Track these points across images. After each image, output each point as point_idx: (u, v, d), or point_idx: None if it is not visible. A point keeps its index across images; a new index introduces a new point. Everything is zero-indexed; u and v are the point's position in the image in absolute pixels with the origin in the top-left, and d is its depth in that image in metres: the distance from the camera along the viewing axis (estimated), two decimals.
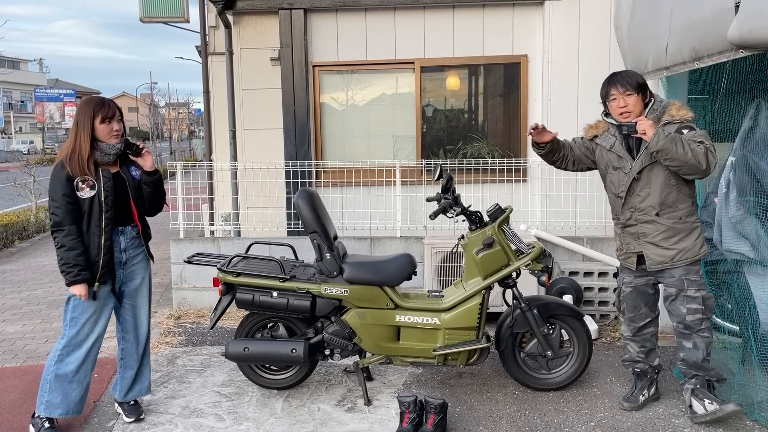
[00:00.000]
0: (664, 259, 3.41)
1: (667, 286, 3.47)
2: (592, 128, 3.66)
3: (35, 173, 11.84)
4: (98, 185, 3.31)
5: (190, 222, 6.18)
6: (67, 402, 3.41)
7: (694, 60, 3.75)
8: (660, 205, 3.39)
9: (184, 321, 5.52)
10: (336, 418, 3.63)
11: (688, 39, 3.74)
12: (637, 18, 4.50)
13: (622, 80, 3.40)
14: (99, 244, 3.32)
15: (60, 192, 3.25)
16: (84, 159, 3.27)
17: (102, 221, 3.31)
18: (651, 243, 3.43)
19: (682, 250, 3.38)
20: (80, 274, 3.27)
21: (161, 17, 8.90)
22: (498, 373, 4.17)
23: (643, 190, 3.42)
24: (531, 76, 6.01)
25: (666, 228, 3.39)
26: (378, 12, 6.03)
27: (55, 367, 3.38)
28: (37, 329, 5.49)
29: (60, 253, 3.27)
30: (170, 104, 54.19)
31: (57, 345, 3.41)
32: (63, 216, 3.25)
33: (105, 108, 3.33)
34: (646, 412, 3.63)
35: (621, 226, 3.57)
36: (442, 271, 5.11)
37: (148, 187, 3.50)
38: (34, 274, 7.75)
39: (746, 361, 3.98)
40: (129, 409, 3.64)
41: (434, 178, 3.78)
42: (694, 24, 3.67)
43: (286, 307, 3.73)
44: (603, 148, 3.58)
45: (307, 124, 6.05)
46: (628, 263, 3.58)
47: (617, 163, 3.51)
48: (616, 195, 3.54)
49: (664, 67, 4.11)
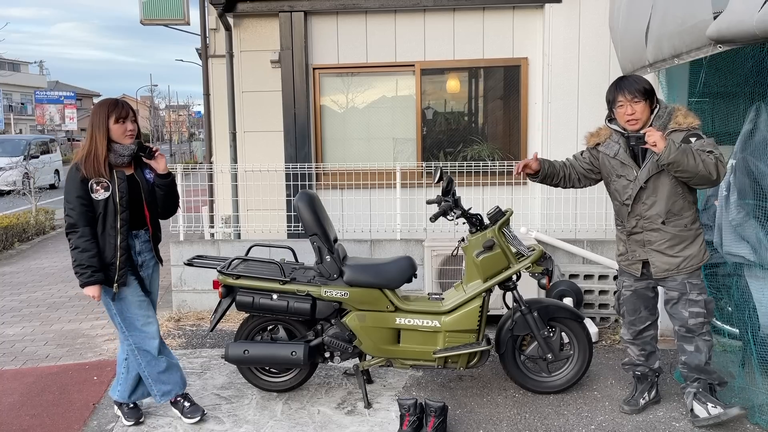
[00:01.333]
0: (669, 266, 3.38)
1: (668, 289, 3.45)
2: (594, 136, 3.60)
3: (35, 175, 11.84)
4: (112, 187, 3.32)
5: (190, 224, 6.18)
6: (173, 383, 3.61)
7: (674, 57, 3.82)
8: (666, 213, 3.35)
9: (184, 323, 5.51)
10: (336, 421, 3.63)
11: (667, 36, 3.82)
12: (626, 18, 4.56)
13: (630, 86, 3.31)
14: (115, 245, 3.34)
15: (74, 194, 3.28)
16: (100, 160, 3.29)
17: (117, 222, 3.33)
18: (657, 251, 3.41)
19: (687, 257, 3.36)
20: (93, 275, 3.29)
21: (162, 20, 8.91)
22: (498, 376, 4.17)
23: (650, 198, 3.38)
24: (531, 78, 6.02)
25: (672, 236, 3.37)
26: (378, 14, 6.04)
27: (147, 366, 3.52)
28: (37, 331, 5.48)
29: (74, 255, 3.30)
30: (170, 107, 54.21)
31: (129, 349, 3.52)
32: (77, 218, 3.28)
33: (119, 108, 3.35)
34: (646, 416, 3.63)
35: (627, 233, 3.53)
36: (442, 274, 5.10)
37: (161, 190, 3.52)
38: (34, 277, 7.75)
39: (746, 364, 3.98)
40: (128, 412, 3.64)
41: (434, 180, 3.78)
42: (673, 20, 3.74)
43: (286, 309, 3.73)
44: (606, 155, 3.52)
45: (307, 127, 6.05)
46: (632, 270, 3.55)
47: (621, 171, 3.46)
48: (622, 203, 3.49)
49: (649, 64, 4.21)
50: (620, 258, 3.67)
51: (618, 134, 3.45)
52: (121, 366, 3.63)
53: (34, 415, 3.79)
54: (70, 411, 3.84)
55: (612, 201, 3.63)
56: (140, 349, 3.50)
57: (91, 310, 6.11)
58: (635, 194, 3.40)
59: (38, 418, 3.75)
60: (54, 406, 3.91)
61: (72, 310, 6.15)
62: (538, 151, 5.83)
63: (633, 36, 4.41)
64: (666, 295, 3.49)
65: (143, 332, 3.49)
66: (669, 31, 3.84)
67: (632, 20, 4.44)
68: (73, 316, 5.94)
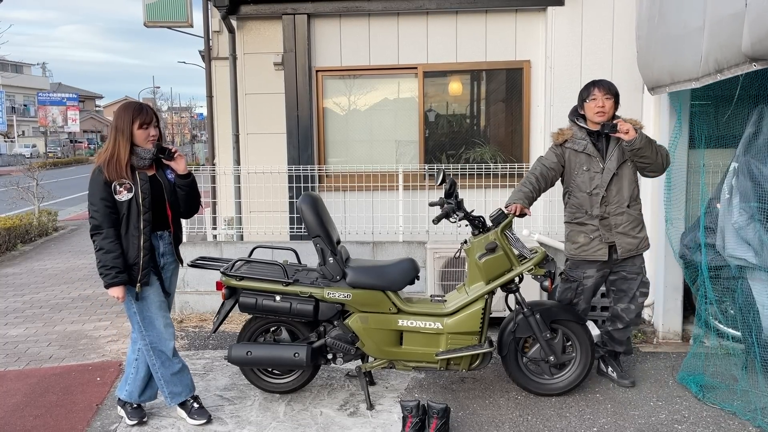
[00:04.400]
0: (632, 247, 3.83)
1: (628, 273, 3.89)
2: (561, 134, 3.92)
3: (38, 177, 11.87)
4: (135, 188, 3.37)
5: (193, 226, 6.19)
6: (183, 385, 3.64)
7: (717, 72, 3.69)
8: (629, 198, 3.82)
9: (187, 325, 5.52)
10: (338, 423, 3.63)
11: (713, 50, 3.66)
12: (662, 29, 4.39)
13: (605, 84, 3.79)
14: (138, 246, 3.38)
15: (98, 196, 3.32)
16: (123, 164, 3.34)
17: (140, 223, 3.38)
18: (622, 233, 3.82)
19: (643, 238, 3.87)
20: (118, 276, 3.33)
21: (165, 22, 8.91)
22: (500, 378, 4.17)
23: (617, 185, 3.81)
24: (533, 81, 6.02)
25: (633, 218, 3.83)
26: (381, 17, 6.05)
27: (161, 367, 3.55)
28: (40, 332, 5.50)
29: (98, 256, 3.34)
30: (173, 108, 54.30)
31: (145, 348, 3.54)
32: (101, 219, 3.32)
33: (143, 114, 3.40)
34: (648, 418, 3.63)
35: (598, 219, 3.83)
36: (444, 276, 5.11)
37: (182, 190, 3.57)
38: (37, 278, 7.76)
39: (749, 367, 3.98)
40: (132, 412, 3.65)
41: (437, 183, 3.79)
42: (716, 35, 3.60)
43: (289, 311, 3.74)
44: (573, 151, 3.86)
45: (310, 129, 6.06)
46: (599, 255, 3.85)
47: (588, 164, 3.83)
48: (590, 193, 3.83)
49: (694, 78, 3.97)
50: (580, 249, 3.90)
51: (584, 131, 3.84)
52: (130, 366, 3.64)
53: (38, 416, 3.80)
54: (73, 412, 3.84)
55: (573, 194, 3.91)
56: (156, 349, 3.52)
57: (94, 311, 6.12)
58: (607, 182, 3.79)
59: (41, 418, 3.76)
60: (57, 407, 3.92)
61: (75, 311, 6.16)
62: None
63: (672, 48, 4.18)
64: (627, 277, 3.90)
65: (161, 333, 3.52)
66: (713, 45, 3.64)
67: (671, 32, 4.22)
68: (76, 317, 5.95)
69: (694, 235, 4.37)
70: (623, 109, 3.96)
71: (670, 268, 4.81)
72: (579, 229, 3.90)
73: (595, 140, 3.83)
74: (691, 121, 4.59)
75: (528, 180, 3.85)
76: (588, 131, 3.83)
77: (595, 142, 3.83)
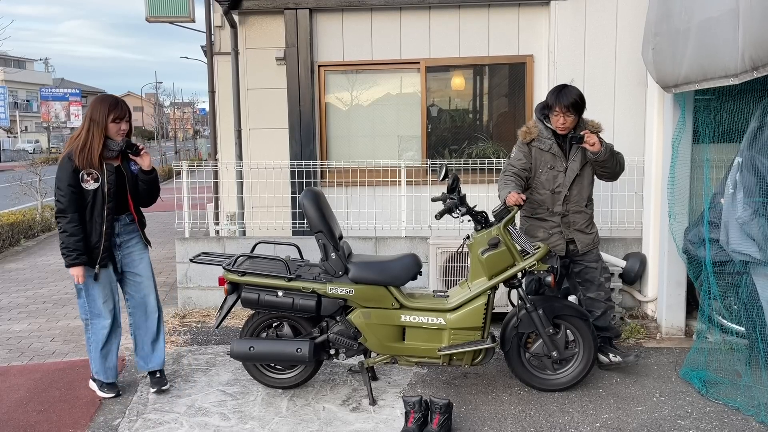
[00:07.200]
0: (588, 241, 4.08)
1: (589, 262, 4.11)
2: (528, 133, 4.05)
3: (41, 172, 11.89)
4: (102, 178, 3.60)
5: (195, 221, 6.20)
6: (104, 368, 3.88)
7: (753, 69, 3.44)
8: (587, 198, 4.08)
9: (189, 320, 5.53)
10: (341, 418, 3.63)
11: (748, 46, 3.42)
12: (694, 21, 4.07)
13: (566, 101, 3.87)
14: (100, 232, 3.65)
15: (66, 182, 3.56)
16: (95, 154, 3.57)
17: (104, 211, 3.64)
18: (579, 230, 4.05)
19: (596, 234, 4.14)
20: (79, 258, 3.61)
21: (167, 17, 8.89)
22: (503, 373, 4.17)
23: (578, 185, 4.03)
24: (536, 76, 5.99)
25: (588, 217, 4.10)
26: (383, 12, 6.03)
27: (93, 340, 3.84)
28: (43, 328, 5.51)
29: (62, 238, 3.61)
30: (175, 104, 54.29)
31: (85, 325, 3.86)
32: (67, 204, 3.57)
33: (118, 109, 3.64)
34: (651, 414, 3.63)
35: (559, 216, 4.02)
36: (447, 272, 5.10)
37: (144, 184, 3.83)
38: (40, 273, 7.78)
39: (752, 362, 3.97)
40: (154, 381, 3.97)
41: (439, 178, 3.78)
42: (750, 30, 3.39)
43: (292, 306, 3.74)
44: (539, 149, 4.02)
45: (312, 124, 6.05)
46: (558, 250, 4.03)
47: (552, 163, 4.00)
48: (553, 191, 4.01)
49: (732, 75, 3.68)
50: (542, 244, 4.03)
51: (549, 131, 4.00)
52: (134, 338, 4.01)
53: (41, 410, 3.82)
54: (76, 407, 3.85)
55: (536, 191, 4.05)
56: (94, 327, 3.82)
57: None
58: (570, 182, 3.99)
59: (45, 413, 3.78)
60: (61, 402, 3.93)
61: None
62: None
63: (705, 45, 3.91)
64: (588, 267, 4.10)
65: (101, 310, 3.78)
66: (747, 40, 3.39)
67: (705, 29, 3.92)
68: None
69: (698, 230, 4.36)
70: (627, 105, 3.94)
71: (674, 263, 4.80)
72: (538, 224, 4.08)
73: (560, 141, 4.01)
74: (695, 116, 4.57)
75: (509, 179, 3.96)
76: (554, 131, 3.99)
77: (560, 142, 4.01)
